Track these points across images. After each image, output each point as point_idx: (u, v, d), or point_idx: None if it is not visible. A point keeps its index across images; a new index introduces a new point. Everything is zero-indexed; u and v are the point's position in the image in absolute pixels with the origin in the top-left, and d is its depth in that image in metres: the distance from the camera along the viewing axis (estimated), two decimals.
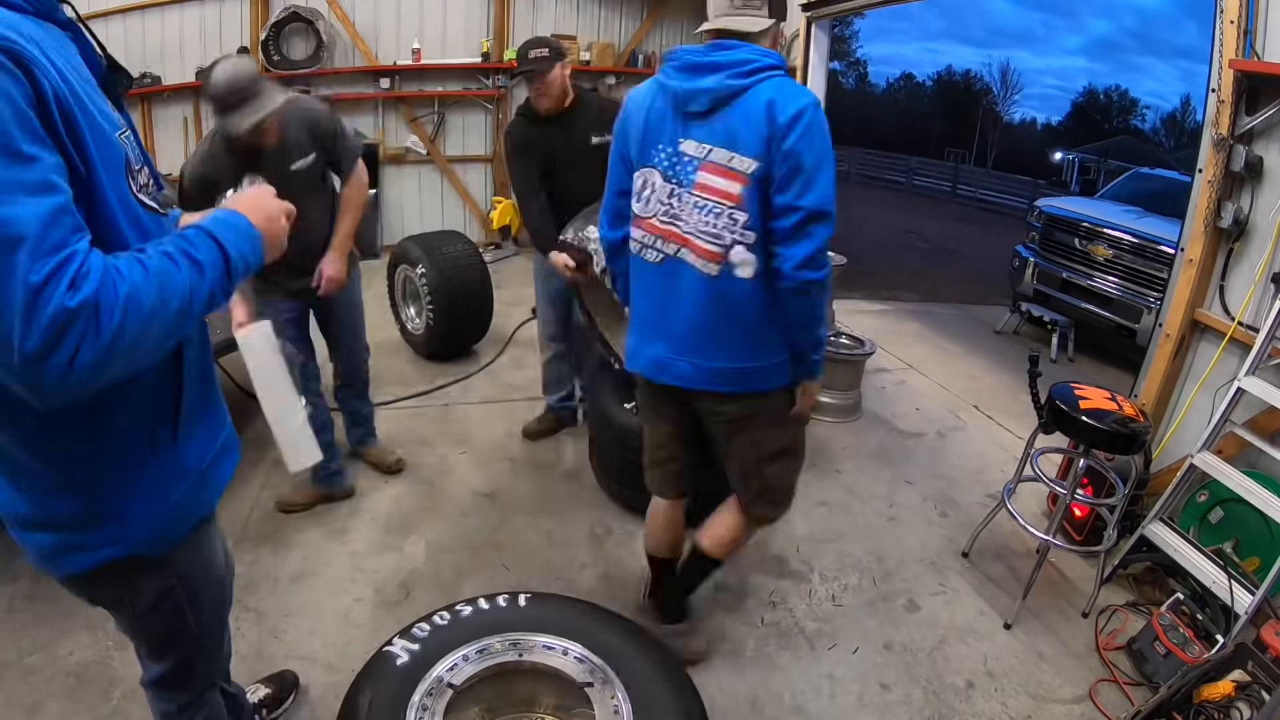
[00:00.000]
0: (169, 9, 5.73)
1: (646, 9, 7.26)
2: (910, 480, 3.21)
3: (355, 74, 6.39)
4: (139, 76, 5.72)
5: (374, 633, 2.13)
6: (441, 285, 4.04)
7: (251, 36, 5.97)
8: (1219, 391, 2.35)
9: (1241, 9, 2.36)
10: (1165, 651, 2.04)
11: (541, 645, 1.53)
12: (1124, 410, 2.19)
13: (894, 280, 7.30)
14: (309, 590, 2.32)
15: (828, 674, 2.09)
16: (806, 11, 5.42)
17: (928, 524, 2.88)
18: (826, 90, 5.67)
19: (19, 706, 1.83)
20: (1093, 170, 17.15)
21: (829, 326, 3.91)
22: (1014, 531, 2.72)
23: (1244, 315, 2.42)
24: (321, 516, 2.72)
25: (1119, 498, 2.32)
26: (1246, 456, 2.39)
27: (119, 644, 2.05)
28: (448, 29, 6.61)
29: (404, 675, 1.42)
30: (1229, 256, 2.52)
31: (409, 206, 6.96)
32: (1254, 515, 2.19)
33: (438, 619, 1.56)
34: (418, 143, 6.78)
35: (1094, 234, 5.00)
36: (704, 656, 2.10)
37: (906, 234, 11.32)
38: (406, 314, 4.51)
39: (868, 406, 3.93)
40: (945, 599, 2.44)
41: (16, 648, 2.02)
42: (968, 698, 2.02)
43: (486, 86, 6.80)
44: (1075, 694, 2.06)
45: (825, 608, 2.36)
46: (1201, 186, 2.52)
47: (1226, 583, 2.08)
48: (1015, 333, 5.63)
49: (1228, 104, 2.40)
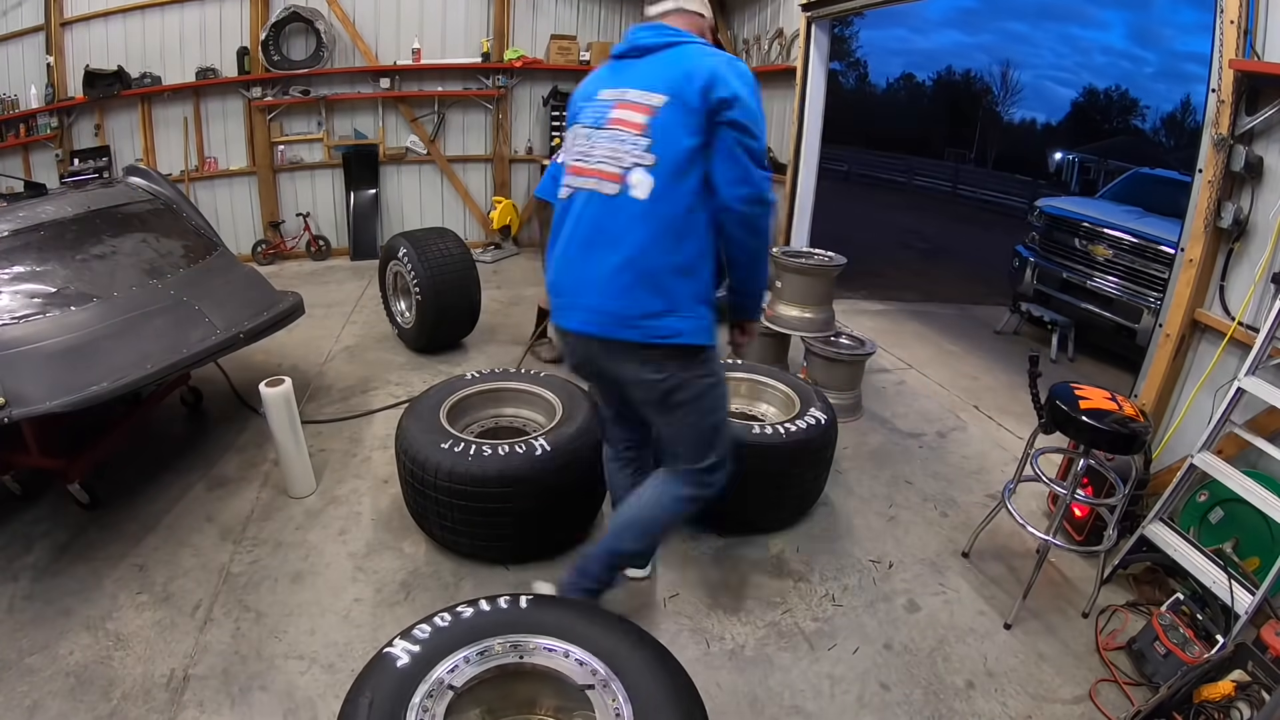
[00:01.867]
0: (169, 9, 5.73)
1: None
2: (910, 480, 3.21)
3: (355, 74, 6.39)
4: (139, 76, 5.73)
5: (374, 633, 2.14)
6: (429, 280, 4.07)
7: (251, 36, 5.97)
8: (1219, 391, 2.35)
9: (1241, 9, 2.36)
10: (1165, 651, 2.04)
11: (543, 647, 1.53)
12: (1124, 410, 2.19)
13: (894, 280, 7.30)
14: (309, 590, 2.32)
15: (828, 674, 2.09)
16: (806, 11, 5.41)
17: (928, 524, 2.88)
18: (826, 90, 5.68)
19: (19, 706, 1.83)
20: (1093, 170, 17.13)
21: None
22: (1014, 531, 2.72)
23: (1244, 315, 2.42)
24: (322, 516, 2.72)
25: (1119, 498, 2.32)
26: (1246, 456, 2.39)
27: (119, 644, 2.05)
28: (448, 29, 6.61)
29: (404, 676, 1.42)
30: (1229, 256, 2.52)
31: (409, 206, 6.97)
32: (1254, 515, 2.19)
33: (438, 620, 1.56)
34: (418, 142, 6.79)
35: (1094, 234, 4.99)
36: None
37: (906, 234, 11.31)
38: (397, 308, 4.55)
39: (868, 406, 3.94)
40: (945, 599, 2.44)
41: (16, 648, 2.02)
42: (968, 698, 2.02)
43: (486, 86, 6.80)
44: (1075, 694, 2.06)
45: (825, 608, 2.36)
46: (1201, 186, 2.52)
47: (1226, 583, 2.08)
48: (1015, 333, 5.63)
49: (1228, 104, 2.40)
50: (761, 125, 1.72)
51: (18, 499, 2.71)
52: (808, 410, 2.73)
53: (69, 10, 5.49)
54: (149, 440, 3.21)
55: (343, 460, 3.13)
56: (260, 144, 6.25)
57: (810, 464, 2.64)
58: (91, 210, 3.02)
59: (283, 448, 2.75)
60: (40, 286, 2.52)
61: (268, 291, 3.35)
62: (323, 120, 6.45)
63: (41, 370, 2.26)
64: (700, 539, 2.66)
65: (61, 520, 2.61)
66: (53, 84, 5.55)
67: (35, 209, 2.86)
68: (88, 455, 2.63)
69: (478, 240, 7.12)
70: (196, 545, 2.52)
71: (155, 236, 3.12)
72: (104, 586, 2.28)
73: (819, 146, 5.85)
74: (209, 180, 6.23)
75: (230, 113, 6.17)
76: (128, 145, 5.92)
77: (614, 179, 1.70)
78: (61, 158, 5.70)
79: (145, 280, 2.84)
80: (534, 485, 2.29)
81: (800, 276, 3.86)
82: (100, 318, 2.54)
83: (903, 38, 54.71)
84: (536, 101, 7.11)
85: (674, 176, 1.67)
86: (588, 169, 1.76)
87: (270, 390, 2.66)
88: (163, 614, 2.18)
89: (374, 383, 3.93)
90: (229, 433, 3.30)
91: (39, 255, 2.65)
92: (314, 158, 6.54)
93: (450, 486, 2.28)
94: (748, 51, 6.64)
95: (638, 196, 1.67)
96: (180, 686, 1.92)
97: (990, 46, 68.01)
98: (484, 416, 2.83)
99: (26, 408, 2.13)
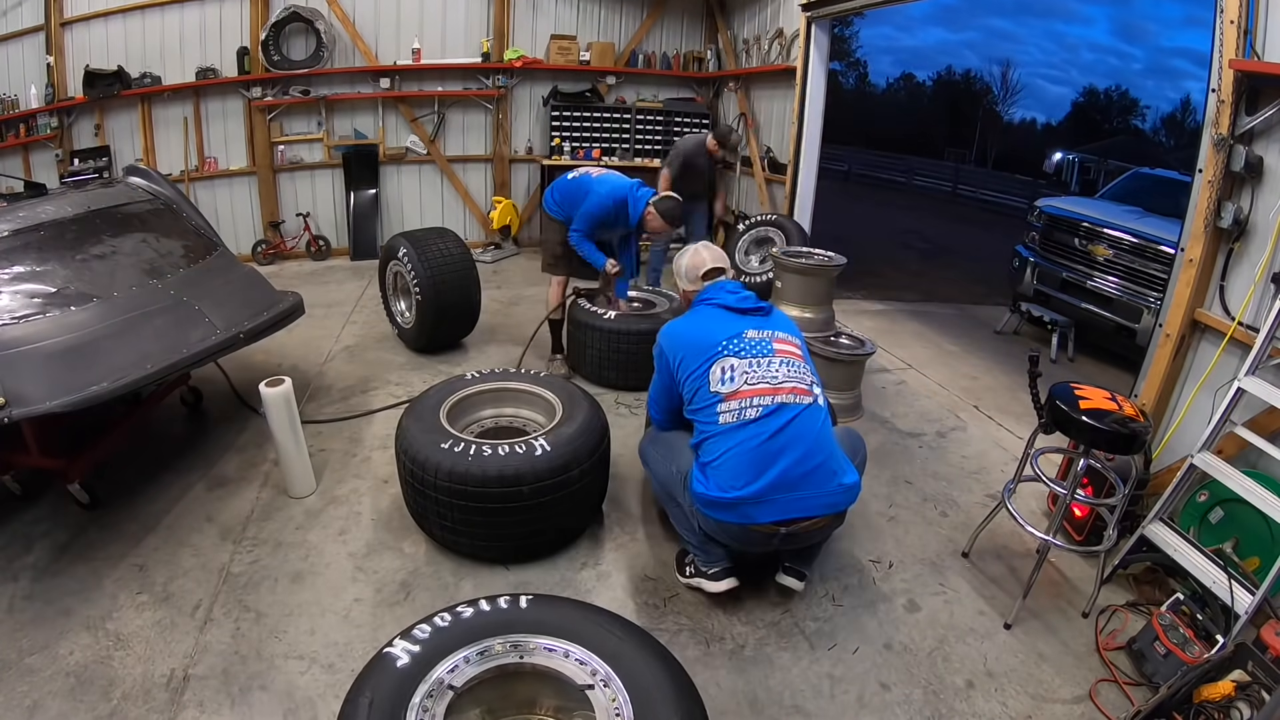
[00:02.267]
0: (169, 9, 5.74)
1: (646, 9, 7.26)
2: (910, 480, 3.21)
3: (355, 74, 6.39)
4: (139, 76, 5.73)
5: (374, 633, 2.14)
6: (429, 280, 4.07)
7: (251, 36, 5.97)
8: (1219, 391, 2.35)
9: (1241, 9, 2.36)
10: (1165, 651, 2.04)
11: (543, 647, 1.53)
12: (1124, 410, 2.19)
13: (894, 280, 7.30)
14: (309, 590, 2.32)
15: (828, 674, 2.09)
16: (806, 11, 5.42)
17: (928, 524, 2.88)
18: (826, 90, 5.68)
19: (19, 706, 1.83)
20: (1092, 170, 17.12)
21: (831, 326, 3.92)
22: (1014, 531, 2.72)
23: (1244, 315, 2.42)
24: (322, 516, 2.72)
25: (1119, 498, 2.32)
26: (1246, 456, 2.39)
27: (119, 644, 2.05)
28: (448, 29, 6.62)
29: (404, 676, 1.42)
30: (1229, 256, 2.52)
31: (409, 206, 6.97)
32: (1254, 515, 2.19)
33: (438, 620, 1.56)
34: (418, 142, 6.79)
35: (1094, 234, 4.99)
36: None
37: (906, 234, 11.31)
38: (397, 308, 4.55)
39: (868, 406, 3.93)
40: (945, 599, 2.44)
41: (16, 648, 2.02)
42: (968, 698, 2.02)
43: (486, 86, 6.80)
44: (1075, 694, 2.05)
45: (825, 608, 2.36)
46: (1201, 186, 2.52)
47: (1226, 583, 2.08)
48: (1015, 333, 5.63)
49: (1228, 104, 2.40)
50: None
51: (18, 499, 2.71)
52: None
53: (69, 10, 5.49)
54: (149, 440, 3.21)
55: (343, 460, 3.13)
56: (260, 144, 6.25)
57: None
58: (91, 210, 3.02)
59: (283, 448, 2.75)
60: (40, 286, 2.52)
61: (268, 291, 3.35)
62: (323, 120, 6.45)
63: (41, 370, 2.26)
64: None
65: (61, 520, 2.61)
66: (53, 84, 5.55)
67: (35, 209, 2.86)
68: (88, 455, 2.63)
69: (478, 240, 7.12)
70: (196, 545, 2.52)
71: (155, 236, 3.12)
72: (104, 586, 2.28)
73: (819, 146, 5.85)
74: (209, 180, 6.23)
75: (230, 113, 6.17)
76: (128, 145, 5.92)
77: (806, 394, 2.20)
78: (61, 158, 5.70)
79: (145, 280, 2.84)
80: (534, 485, 2.29)
81: (800, 276, 3.86)
82: (100, 318, 2.54)
83: (889, 35, 55.01)
84: (536, 101, 7.12)
85: None
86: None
87: (270, 390, 2.66)
88: (163, 614, 2.18)
89: (374, 383, 3.93)
90: (229, 433, 3.30)
91: (39, 255, 2.65)
92: (314, 158, 6.54)
93: (450, 486, 2.28)
94: (748, 51, 6.65)
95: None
96: (180, 686, 1.92)
97: (975, 44, 68.00)
98: (484, 416, 2.83)
99: (26, 408, 2.13)
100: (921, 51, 63.23)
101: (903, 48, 64.76)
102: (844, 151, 21.30)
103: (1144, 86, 57.33)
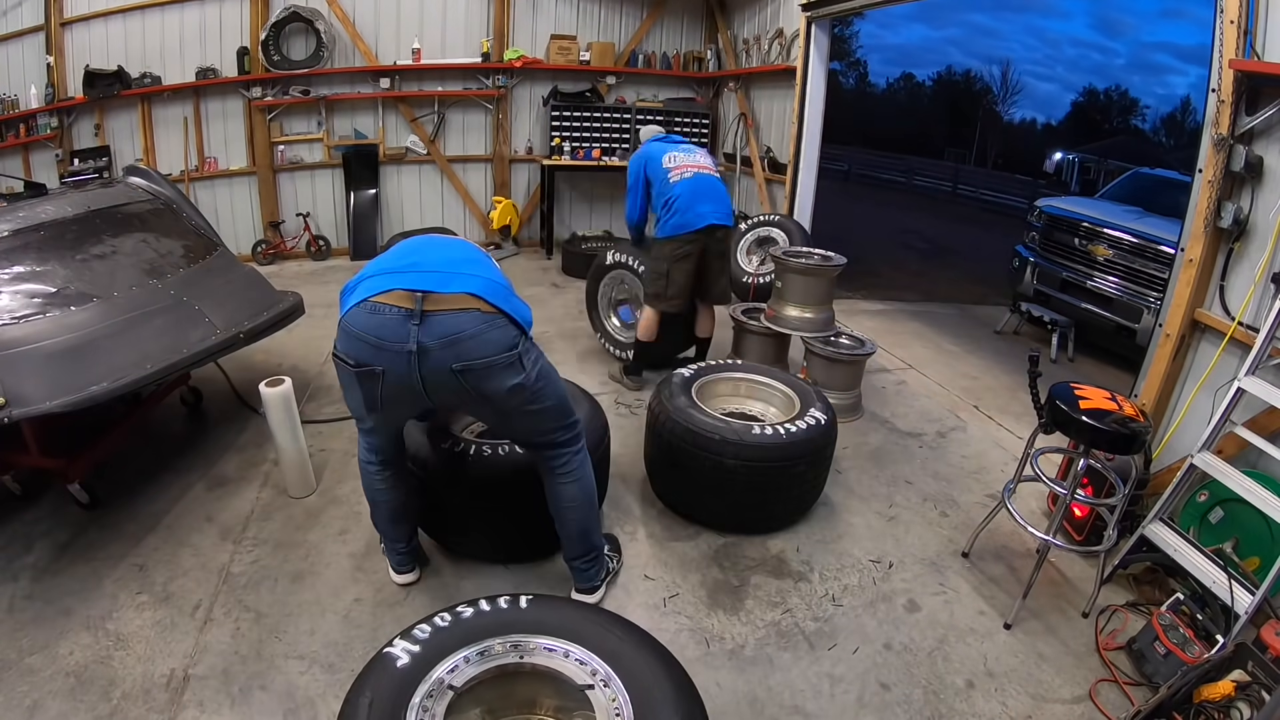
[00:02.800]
0: (169, 9, 5.73)
1: (646, 9, 7.26)
2: (910, 480, 3.21)
3: (355, 74, 6.39)
4: (139, 76, 5.73)
5: (374, 633, 2.14)
6: None
7: (251, 36, 5.97)
8: (1219, 391, 2.35)
9: (1241, 9, 2.36)
10: (1165, 651, 2.04)
11: (543, 647, 1.53)
12: (1124, 410, 2.19)
13: (894, 280, 7.30)
14: (309, 590, 2.32)
15: (828, 674, 2.09)
16: (806, 11, 5.42)
17: (928, 524, 2.88)
18: (826, 90, 5.68)
19: (19, 706, 1.83)
20: (1092, 170, 17.13)
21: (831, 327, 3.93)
22: (1014, 531, 2.72)
23: (1244, 315, 2.42)
24: (322, 516, 2.72)
25: (1119, 498, 2.32)
26: (1246, 456, 2.39)
27: (119, 644, 2.05)
28: (448, 29, 6.61)
29: (404, 676, 1.42)
30: (1229, 256, 2.52)
31: (409, 206, 6.97)
32: (1254, 515, 2.19)
33: (438, 620, 1.56)
34: (418, 143, 6.79)
35: (1094, 234, 4.99)
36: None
37: (906, 234, 11.31)
38: None
39: (868, 406, 3.94)
40: (945, 599, 2.44)
41: (16, 648, 2.02)
42: (968, 698, 2.02)
43: (486, 86, 6.80)
44: (1075, 694, 2.06)
45: (825, 608, 2.36)
46: (1201, 186, 2.52)
47: (1226, 583, 2.08)
48: (1015, 333, 5.63)
49: (1228, 104, 2.40)
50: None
51: (18, 499, 2.71)
52: (808, 410, 2.73)
53: (69, 10, 5.49)
54: (149, 440, 3.21)
55: (343, 460, 3.12)
56: (260, 144, 6.25)
57: (810, 464, 2.64)
58: (91, 210, 3.02)
59: (283, 448, 2.75)
60: (40, 286, 2.52)
61: (268, 291, 3.36)
62: (323, 120, 6.45)
63: (41, 370, 2.26)
64: (700, 538, 2.66)
65: (61, 520, 2.61)
66: (53, 84, 5.55)
67: (35, 209, 2.85)
68: (88, 455, 2.63)
69: (478, 240, 7.12)
70: (196, 545, 2.52)
71: (155, 236, 3.12)
72: (104, 586, 2.29)
73: (819, 146, 5.85)
74: (209, 180, 6.23)
75: (230, 113, 6.17)
76: (128, 145, 5.92)
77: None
78: (61, 158, 5.70)
79: (145, 280, 2.84)
80: (534, 485, 2.28)
81: (800, 276, 3.86)
82: (100, 318, 2.54)
83: (872, 33, 54.86)
84: (536, 101, 7.12)
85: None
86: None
87: (270, 390, 2.66)
88: (163, 614, 2.19)
89: None
90: (229, 433, 3.31)
91: (39, 255, 2.64)
92: (314, 158, 6.54)
93: (450, 487, 2.28)
94: (748, 51, 6.65)
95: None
96: (180, 686, 1.92)
97: (958, 40, 67.95)
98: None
99: (26, 408, 2.13)
100: (905, 49, 63.20)
101: (887, 45, 64.64)
102: (844, 151, 21.32)
103: (1129, 81, 57.36)
